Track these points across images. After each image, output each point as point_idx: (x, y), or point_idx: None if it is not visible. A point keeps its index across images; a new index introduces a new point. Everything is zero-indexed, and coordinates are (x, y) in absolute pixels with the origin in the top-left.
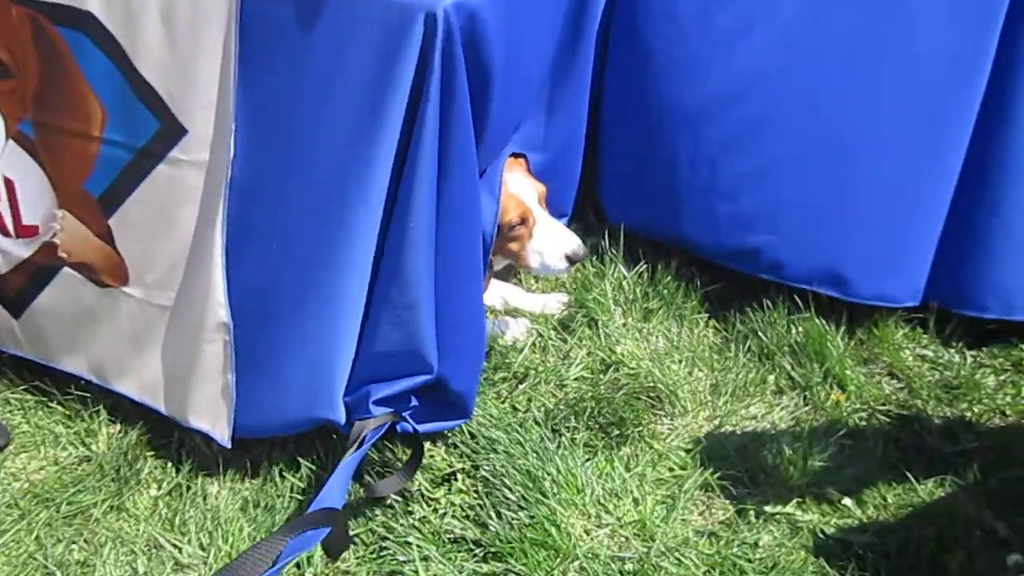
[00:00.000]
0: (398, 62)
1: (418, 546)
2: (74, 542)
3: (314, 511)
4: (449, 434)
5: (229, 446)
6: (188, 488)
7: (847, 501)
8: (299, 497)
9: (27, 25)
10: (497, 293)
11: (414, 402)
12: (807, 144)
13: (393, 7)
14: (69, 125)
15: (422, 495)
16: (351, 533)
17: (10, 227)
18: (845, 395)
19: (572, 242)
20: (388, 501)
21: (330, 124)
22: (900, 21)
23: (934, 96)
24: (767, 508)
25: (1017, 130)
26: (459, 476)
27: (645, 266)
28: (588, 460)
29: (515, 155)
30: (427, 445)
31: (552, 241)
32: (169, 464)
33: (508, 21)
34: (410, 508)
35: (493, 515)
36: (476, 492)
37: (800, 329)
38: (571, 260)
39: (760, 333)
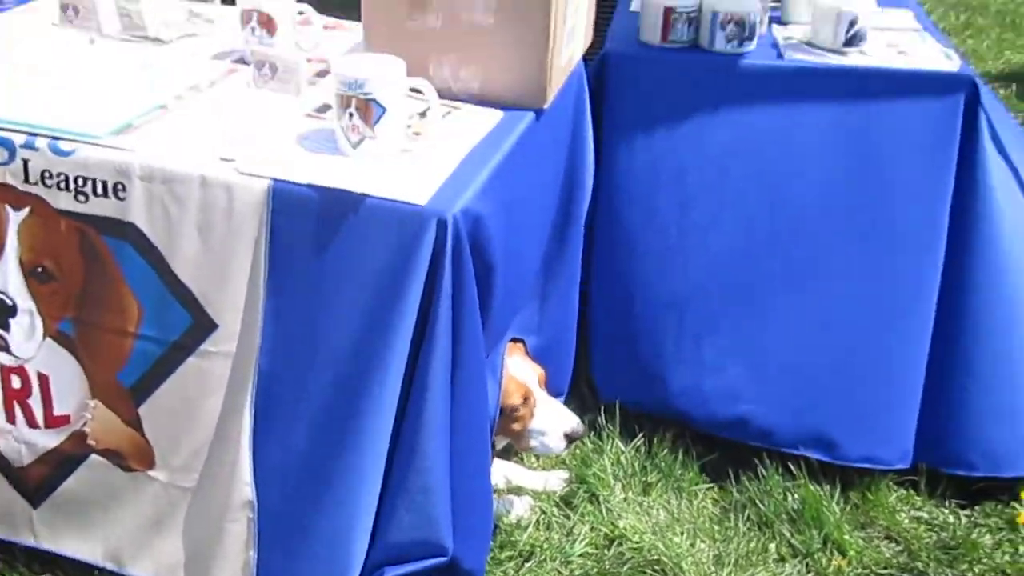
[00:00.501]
0: (412, 263)
1: None
2: None
3: None
4: None
5: None
6: None
7: None
8: None
9: (75, 236)
10: (499, 472)
11: None
12: (785, 317)
13: (407, 215)
14: (107, 322)
15: None
16: None
17: (39, 419)
18: (846, 560)
19: (571, 421)
20: None
21: (349, 320)
22: (860, 204)
23: (899, 266)
24: None
25: (978, 294)
26: None
27: (642, 440)
28: None
29: (514, 340)
30: None
31: (552, 421)
32: None
33: (506, 222)
34: None
35: None
36: None
37: (796, 496)
38: (570, 439)
39: (758, 501)
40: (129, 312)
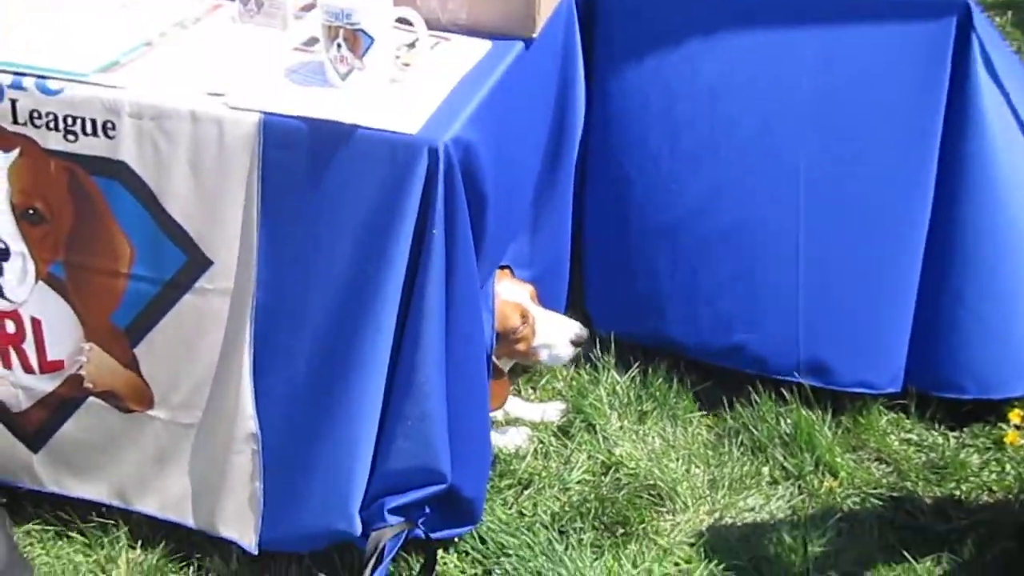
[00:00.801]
0: (405, 192)
1: None
2: None
3: None
4: (459, 540)
5: (256, 552)
6: None
7: None
8: None
9: (64, 176)
10: None
11: (427, 510)
12: (778, 246)
13: (399, 145)
14: (98, 264)
15: None
16: None
17: (34, 364)
18: (837, 481)
19: (573, 327)
20: None
21: (344, 251)
22: (850, 133)
23: (890, 192)
24: None
25: (969, 219)
26: None
27: (637, 370)
28: (596, 559)
29: (500, 267)
30: (439, 552)
31: (555, 332)
32: None
33: (497, 151)
34: None
35: None
36: None
37: (789, 421)
38: (576, 344)
39: (751, 427)
40: (120, 252)
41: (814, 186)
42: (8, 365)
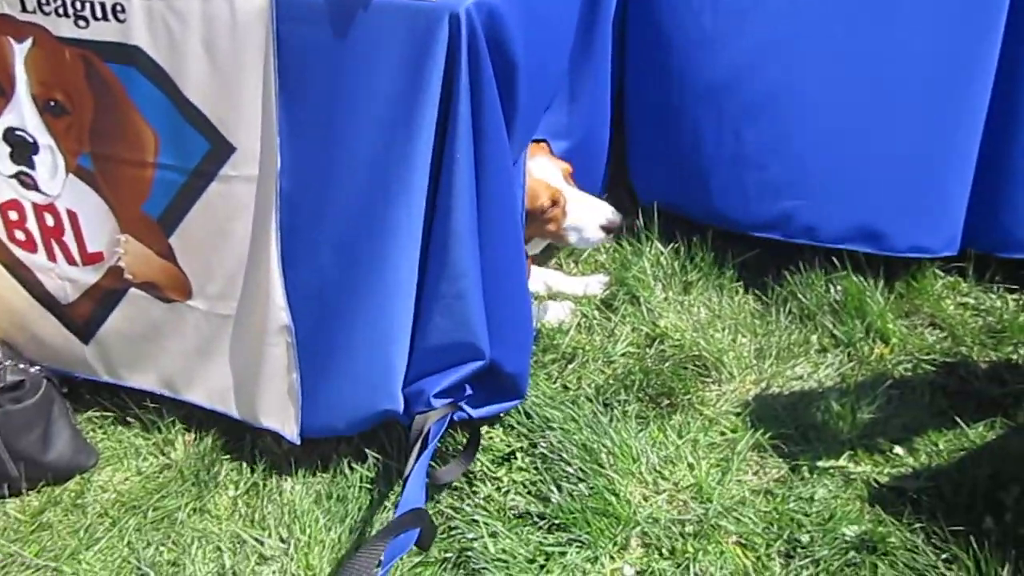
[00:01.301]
0: (427, 63)
1: (485, 523)
2: (163, 544)
3: (403, 514)
4: (505, 416)
5: (298, 442)
6: (264, 486)
7: (898, 450)
8: (368, 487)
9: (80, 65)
10: (539, 279)
11: (469, 390)
12: (827, 106)
13: (419, 13)
14: (125, 154)
15: (485, 475)
16: None
17: (76, 256)
18: (889, 348)
19: (606, 211)
20: (453, 483)
21: (368, 129)
22: None
23: (954, 44)
24: (820, 463)
25: None
26: (518, 455)
27: (681, 242)
28: (641, 430)
29: (535, 140)
30: (485, 428)
31: (586, 215)
32: (244, 465)
33: (526, 15)
34: (475, 488)
35: (554, 489)
36: (536, 468)
37: (839, 287)
38: (608, 229)
39: (799, 295)
40: (144, 141)
41: (869, 38)
42: (53, 258)
